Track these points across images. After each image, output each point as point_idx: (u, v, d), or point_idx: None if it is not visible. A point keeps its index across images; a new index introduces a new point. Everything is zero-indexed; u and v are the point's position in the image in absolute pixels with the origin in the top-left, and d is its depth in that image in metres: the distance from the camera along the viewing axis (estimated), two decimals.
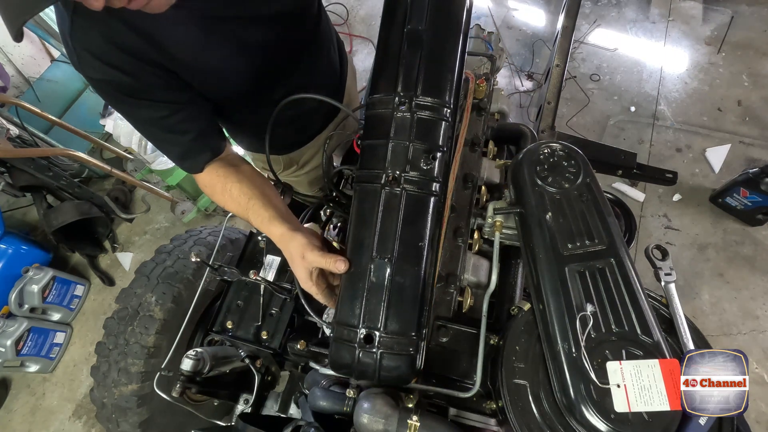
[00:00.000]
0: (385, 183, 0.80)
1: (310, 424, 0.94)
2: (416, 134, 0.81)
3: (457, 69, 0.87)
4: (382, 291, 0.76)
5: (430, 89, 0.82)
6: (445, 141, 0.84)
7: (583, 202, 0.83)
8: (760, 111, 2.63)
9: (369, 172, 0.82)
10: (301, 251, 0.82)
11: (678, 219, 2.41)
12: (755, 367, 2.01)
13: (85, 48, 0.79)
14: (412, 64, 0.82)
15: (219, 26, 0.86)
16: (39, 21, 2.70)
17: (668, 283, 0.79)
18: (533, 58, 3.10)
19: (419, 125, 0.81)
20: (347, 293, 0.79)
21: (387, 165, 0.80)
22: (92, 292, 2.85)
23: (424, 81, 0.82)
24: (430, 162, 0.81)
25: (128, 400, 1.52)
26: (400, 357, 0.75)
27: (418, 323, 0.77)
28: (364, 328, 0.75)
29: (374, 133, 0.84)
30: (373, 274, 0.77)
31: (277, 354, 1.28)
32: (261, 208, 0.91)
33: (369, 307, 0.76)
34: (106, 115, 2.63)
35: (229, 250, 1.72)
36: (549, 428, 0.70)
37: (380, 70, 0.88)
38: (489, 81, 1.30)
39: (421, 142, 0.81)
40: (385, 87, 0.84)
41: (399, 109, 0.81)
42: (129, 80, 0.82)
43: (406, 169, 0.80)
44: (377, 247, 0.78)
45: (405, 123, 0.81)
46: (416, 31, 0.84)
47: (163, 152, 1.00)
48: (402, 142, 0.81)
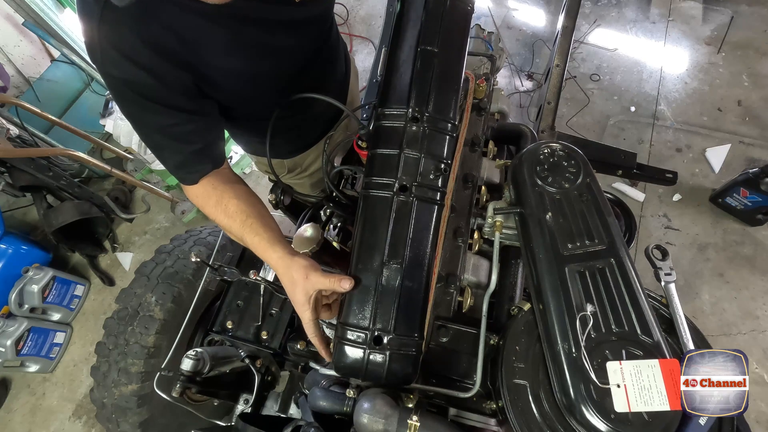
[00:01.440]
0: (397, 191, 0.83)
1: (310, 424, 0.94)
2: (427, 147, 0.85)
3: (462, 82, 0.94)
4: (393, 294, 0.78)
5: (440, 107, 0.88)
6: (450, 154, 0.89)
7: (583, 202, 0.83)
8: (760, 111, 2.63)
9: (379, 180, 0.85)
10: (304, 272, 0.81)
11: (678, 219, 2.41)
12: (755, 367, 2.01)
13: (114, 45, 0.75)
14: (424, 82, 0.88)
15: (248, 28, 0.85)
16: (39, 21, 2.70)
17: (668, 283, 0.79)
18: (533, 58, 3.10)
19: (430, 139, 0.86)
20: (357, 296, 0.80)
21: (399, 174, 0.84)
22: (92, 292, 2.85)
23: (435, 99, 0.87)
24: (440, 174, 0.85)
25: (128, 400, 1.52)
26: (407, 358, 0.77)
27: (421, 324, 0.80)
28: (376, 330, 0.76)
29: (385, 143, 0.87)
30: (385, 278, 0.79)
31: (277, 354, 1.29)
32: (260, 228, 0.88)
33: (380, 310, 0.78)
34: (106, 115, 2.62)
35: (229, 250, 1.72)
36: (549, 428, 0.70)
37: (392, 84, 0.91)
38: (489, 81, 1.30)
39: (431, 155, 0.85)
40: (398, 101, 0.88)
41: (411, 123, 0.86)
42: (153, 83, 0.79)
43: (417, 179, 0.84)
44: (389, 252, 0.80)
45: (416, 136, 0.85)
46: (429, 52, 0.90)
47: (159, 158, 0.94)
48: (414, 154, 0.85)
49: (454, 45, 0.94)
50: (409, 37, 0.93)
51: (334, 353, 0.81)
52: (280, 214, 1.57)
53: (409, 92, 0.88)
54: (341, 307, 0.82)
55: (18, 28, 2.91)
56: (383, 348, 0.76)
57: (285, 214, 1.59)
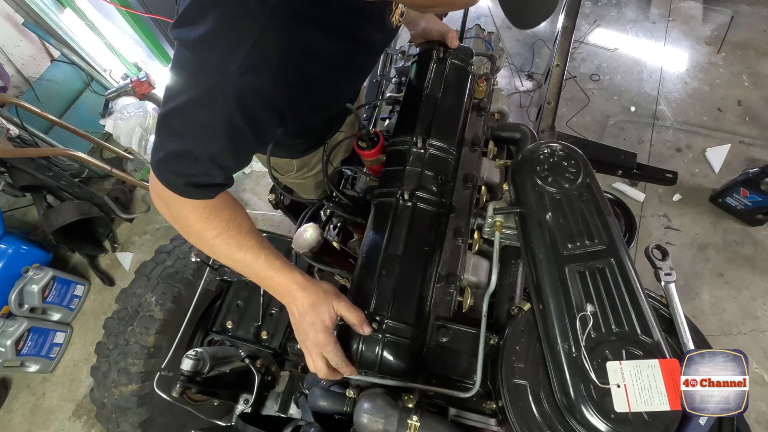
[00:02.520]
0: (400, 197, 0.96)
1: (310, 424, 0.94)
2: (427, 164, 1.02)
3: (461, 121, 1.12)
4: (390, 283, 0.86)
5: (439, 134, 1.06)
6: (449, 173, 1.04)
7: (583, 202, 0.83)
8: (760, 111, 2.63)
9: (387, 190, 1.01)
10: (335, 291, 0.81)
11: (678, 219, 2.41)
12: (755, 367, 2.01)
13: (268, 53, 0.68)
14: (427, 116, 1.08)
15: (352, 46, 0.84)
16: (39, 21, 2.70)
17: (668, 283, 0.79)
18: (533, 58, 3.10)
19: (430, 158, 1.03)
20: (359, 285, 0.89)
21: (402, 184, 0.99)
22: (92, 292, 2.85)
23: (435, 129, 1.06)
24: (436, 184, 0.99)
25: (128, 400, 1.52)
26: (400, 346, 0.81)
27: (417, 316, 0.84)
28: (374, 314, 0.83)
29: (394, 163, 1.05)
30: (383, 268, 0.88)
31: (277, 354, 1.29)
32: (275, 252, 0.83)
33: (378, 297, 0.85)
34: (106, 115, 2.63)
35: None
36: (549, 428, 0.70)
37: (403, 119, 1.13)
38: (489, 81, 1.30)
39: (429, 170, 1.01)
40: (406, 131, 1.07)
41: (415, 146, 1.03)
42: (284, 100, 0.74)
43: (416, 187, 0.97)
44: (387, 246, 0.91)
45: (419, 156, 1.03)
46: (432, 96, 1.12)
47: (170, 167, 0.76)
48: (415, 169, 1.01)
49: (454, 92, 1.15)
50: (420, 87, 1.14)
51: None
52: (280, 215, 1.57)
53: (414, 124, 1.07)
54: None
55: (18, 28, 2.91)
56: (377, 331, 0.81)
57: (285, 214, 1.59)
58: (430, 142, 1.04)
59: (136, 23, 2.86)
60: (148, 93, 2.57)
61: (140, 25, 2.90)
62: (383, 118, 1.53)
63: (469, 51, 1.22)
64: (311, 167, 1.42)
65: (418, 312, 0.85)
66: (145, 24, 2.92)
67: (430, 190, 0.98)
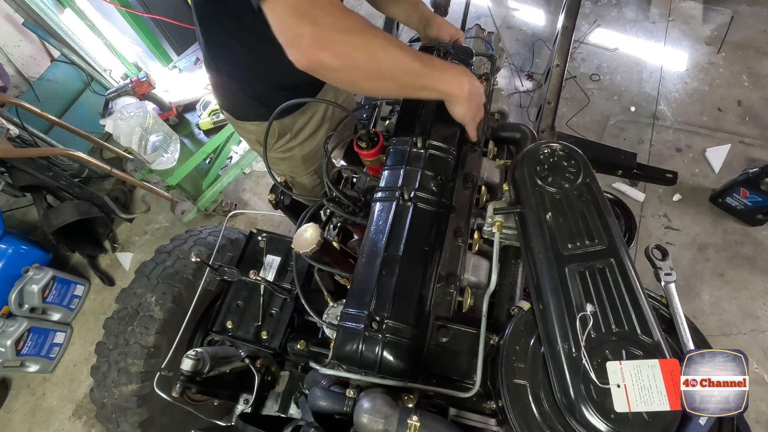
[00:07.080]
0: (400, 197, 0.97)
1: (310, 424, 0.94)
2: (427, 164, 1.03)
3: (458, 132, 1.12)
4: (391, 282, 0.86)
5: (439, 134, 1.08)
6: (449, 173, 1.04)
7: (583, 202, 0.83)
8: (760, 111, 2.63)
9: (387, 190, 1.01)
10: None
11: (678, 219, 2.41)
12: (755, 367, 2.01)
13: None
14: (427, 117, 1.11)
15: None
16: (39, 21, 2.70)
17: (668, 283, 0.79)
18: (533, 58, 3.10)
19: (430, 158, 1.04)
20: (359, 285, 0.89)
21: (401, 183, 0.99)
22: (92, 292, 2.85)
23: (435, 129, 1.08)
24: (436, 184, 1.00)
25: (128, 400, 1.52)
26: (400, 346, 0.81)
27: (417, 316, 0.84)
28: (374, 314, 0.83)
29: (393, 162, 1.06)
30: (384, 268, 0.88)
31: (277, 354, 1.29)
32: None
33: (378, 297, 0.85)
34: (106, 115, 2.62)
35: (229, 250, 1.72)
36: (549, 428, 0.70)
37: (402, 123, 1.14)
38: (489, 81, 1.30)
39: (429, 170, 1.02)
40: (406, 131, 1.09)
41: (415, 146, 1.05)
42: None
43: (415, 187, 0.98)
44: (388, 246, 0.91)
45: (419, 156, 1.04)
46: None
47: None
48: (415, 169, 1.02)
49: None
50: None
51: (335, 339, 0.85)
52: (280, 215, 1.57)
53: (414, 126, 1.09)
54: (346, 297, 0.90)
55: (18, 28, 2.91)
56: (378, 331, 0.81)
57: (285, 214, 1.59)
58: (430, 142, 1.05)
59: (136, 23, 2.87)
60: (148, 93, 2.57)
61: (140, 25, 2.90)
62: (383, 118, 1.53)
63: (469, 51, 1.22)
64: (294, 134, 1.40)
65: (418, 312, 0.85)
66: (145, 24, 2.92)
67: (430, 190, 0.99)
